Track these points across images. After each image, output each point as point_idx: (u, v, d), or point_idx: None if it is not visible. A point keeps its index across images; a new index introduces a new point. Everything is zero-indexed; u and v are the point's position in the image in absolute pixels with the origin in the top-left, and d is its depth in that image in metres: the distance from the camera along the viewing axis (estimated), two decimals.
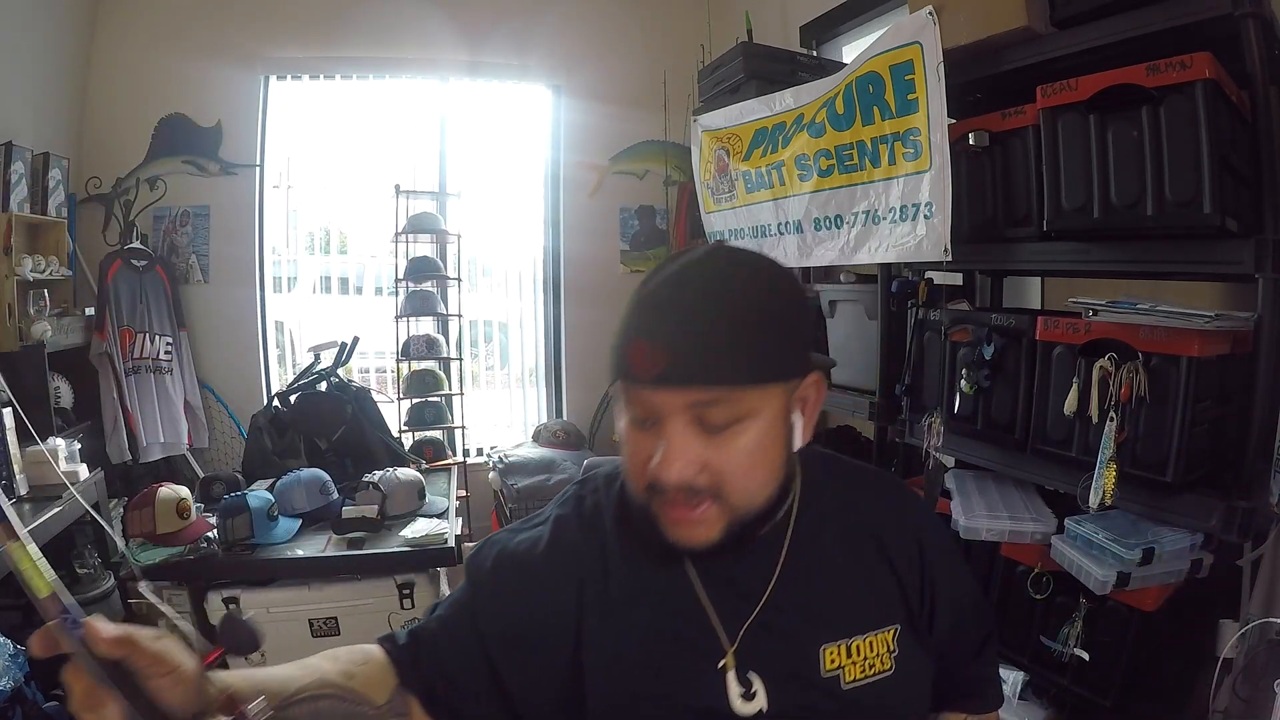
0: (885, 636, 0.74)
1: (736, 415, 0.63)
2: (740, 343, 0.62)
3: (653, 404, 0.64)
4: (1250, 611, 1.22)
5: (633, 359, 0.62)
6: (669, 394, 0.62)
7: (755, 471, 0.66)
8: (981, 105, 1.64)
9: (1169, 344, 1.18)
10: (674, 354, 0.61)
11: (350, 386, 3.19)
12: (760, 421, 0.65)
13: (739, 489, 0.65)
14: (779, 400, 0.66)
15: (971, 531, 1.49)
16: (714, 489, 0.64)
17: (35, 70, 3.03)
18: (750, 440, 0.64)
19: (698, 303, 0.63)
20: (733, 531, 0.66)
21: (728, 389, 0.62)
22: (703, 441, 0.64)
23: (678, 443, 0.63)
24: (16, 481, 2.22)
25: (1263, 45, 1.17)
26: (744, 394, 0.63)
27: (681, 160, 3.71)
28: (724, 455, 0.64)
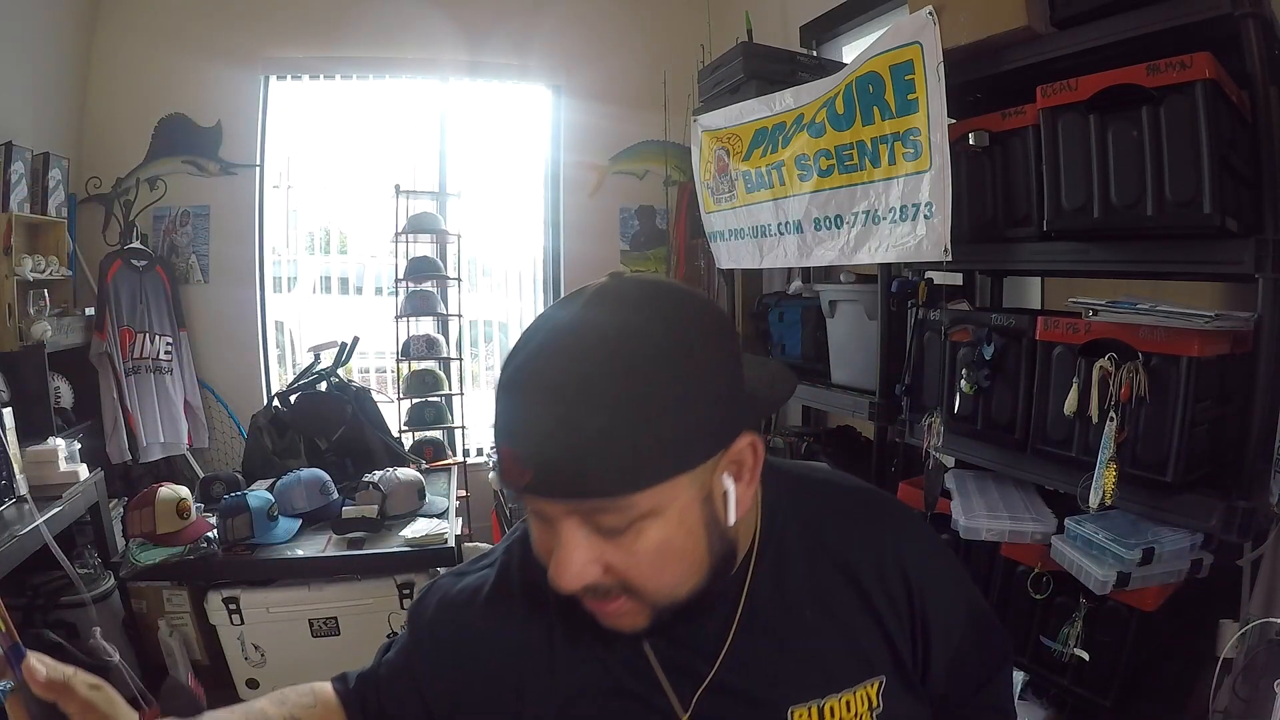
0: (867, 692, 0.66)
1: (629, 520, 0.54)
2: (615, 447, 0.50)
3: (537, 509, 0.56)
4: (1250, 611, 1.22)
5: (505, 466, 0.54)
6: (545, 503, 0.54)
7: (666, 572, 0.57)
8: (981, 105, 1.64)
9: (1169, 344, 1.18)
10: (535, 465, 0.51)
11: (350, 386, 3.19)
12: (666, 519, 0.55)
13: (651, 589, 0.57)
14: (690, 489, 0.55)
15: (971, 531, 1.49)
16: (623, 588, 0.57)
17: (35, 70, 3.03)
18: (653, 541, 0.55)
19: (560, 398, 0.51)
20: (663, 619, 0.59)
21: (611, 498, 0.52)
22: (600, 543, 0.55)
23: (570, 549, 0.55)
24: (16, 481, 2.22)
25: (1263, 45, 1.17)
26: (634, 498, 0.52)
27: (681, 160, 3.71)
28: (626, 558, 0.55)
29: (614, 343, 0.52)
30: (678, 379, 0.52)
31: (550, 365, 0.53)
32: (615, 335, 0.53)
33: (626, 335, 0.53)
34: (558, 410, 0.51)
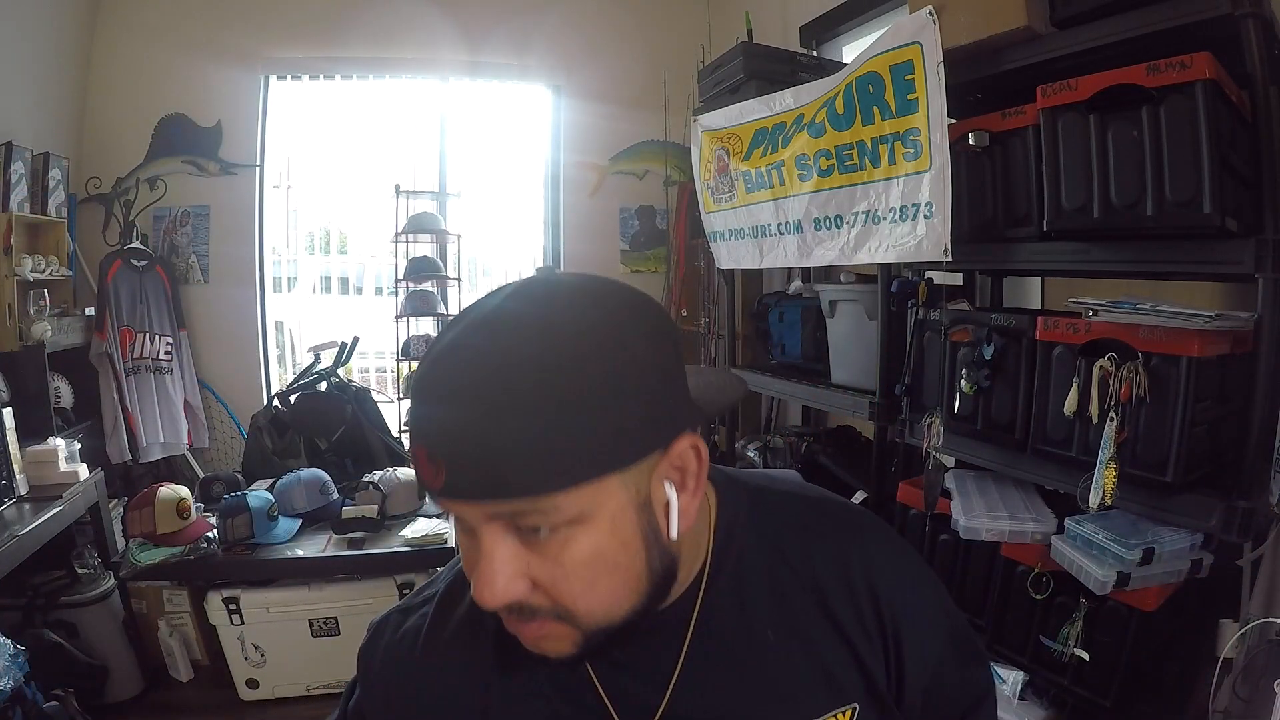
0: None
1: (556, 523, 0.48)
2: (535, 441, 0.46)
3: (456, 513, 0.50)
4: (1250, 611, 1.22)
5: (419, 466, 0.49)
6: (463, 505, 0.49)
7: (598, 588, 0.51)
8: (981, 105, 1.64)
9: (1169, 344, 1.17)
10: (450, 464, 0.47)
11: (350, 386, 3.19)
12: (597, 524, 0.49)
13: (582, 609, 0.51)
14: (622, 493, 0.50)
15: (971, 531, 1.49)
16: (550, 608, 0.51)
17: (35, 70, 3.03)
18: (583, 552, 0.49)
19: (473, 387, 0.46)
20: (590, 645, 0.53)
21: (533, 497, 0.47)
22: (526, 553, 0.50)
23: (493, 560, 0.49)
24: (16, 481, 2.22)
25: (1263, 45, 1.17)
26: (557, 500, 0.47)
27: (681, 160, 3.71)
28: (553, 571, 0.50)
29: (534, 331, 0.48)
30: (606, 371, 0.47)
31: (463, 357, 0.48)
32: (536, 324, 0.48)
33: (549, 325, 0.48)
34: (470, 404, 0.46)
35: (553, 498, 0.47)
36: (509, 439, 0.45)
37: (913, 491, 1.74)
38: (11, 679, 1.75)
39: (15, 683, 1.76)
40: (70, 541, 2.42)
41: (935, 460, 1.66)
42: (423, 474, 0.48)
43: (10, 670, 1.76)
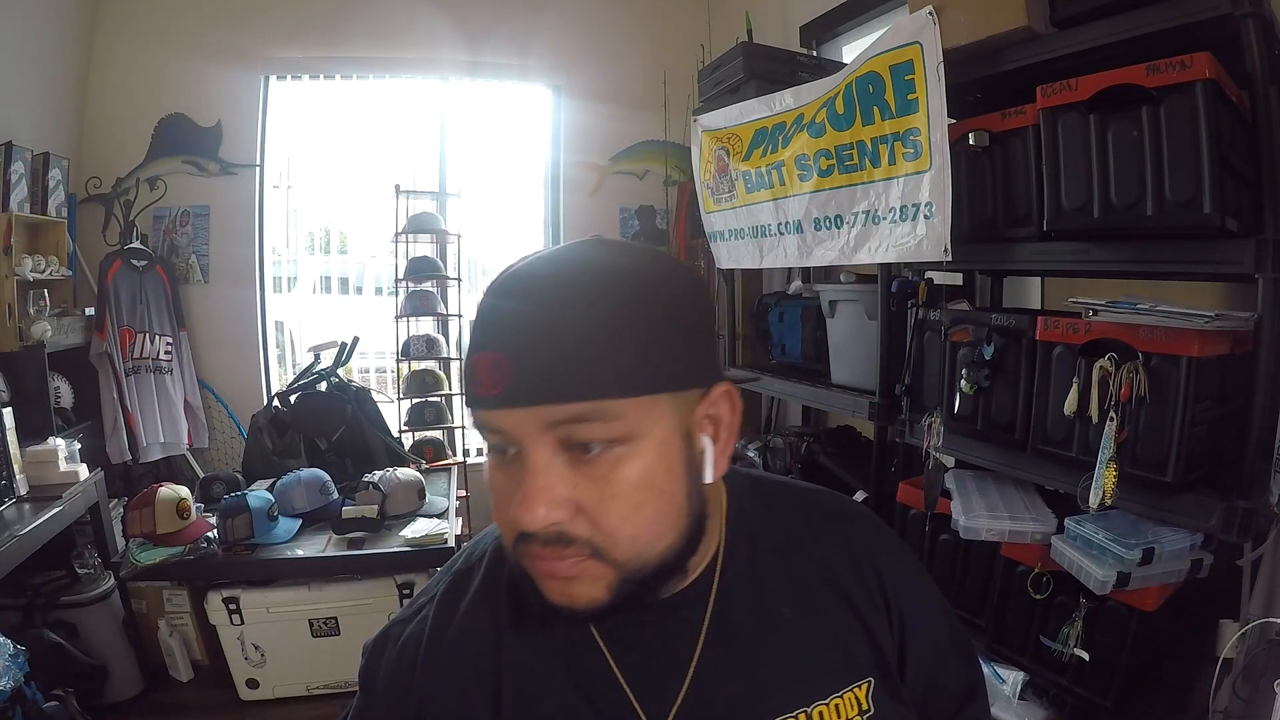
0: (856, 695, 0.60)
1: (611, 436, 0.49)
2: (606, 340, 0.48)
3: (505, 429, 0.50)
4: (1250, 611, 1.22)
5: (478, 375, 0.49)
6: (520, 415, 0.49)
7: (644, 512, 0.51)
8: (981, 105, 1.64)
9: (1169, 344, 1.17)
10: (518, 363, 0.48)
11: (350, 386, 3.19)
12: (647, 446, 0.50)
13: (624, 538, 0.51)
14: (671, 418, 0.52)
15: (971, 531, 1.49)
16: (590, 540, 0.50)
17: (35, 70, 3.03)
18: (635, 471, 0.50)
19: (548, 296, 0.49)
20: (625, 590, 0.52)
21: (592, 402, 0.48)
22: (573, 474, 0.50)
23: (541, 476, 0.49)
24: (16, 481, 2.22)
25: (1263, 45, 1.17)
26: (617, 408, 0.49)
27: (681, 160, 3.71)
28: (601, 491, 0.50)
29: (601, 259, 0.52)
30: (665, 298, 0.52)
31: (536, 273, 0.51)
32: (601, 255, 0.53)
33: (616, 260, 0.53)
34: (543, 309, 0.49)
35: (615, 403, 0.49)
36: (581, 339, 0.48)
37: (913, 491, 1.74)
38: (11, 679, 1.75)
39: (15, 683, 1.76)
40: (70, 541, 2.42)
41: (935, 460, 1.66)
42: (481, 383, 0.49)
43: (10, 670, 1.76)
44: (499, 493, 0.53)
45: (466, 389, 0.52)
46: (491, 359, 0.49)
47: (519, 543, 0.52)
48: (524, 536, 0.51)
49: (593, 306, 0.49)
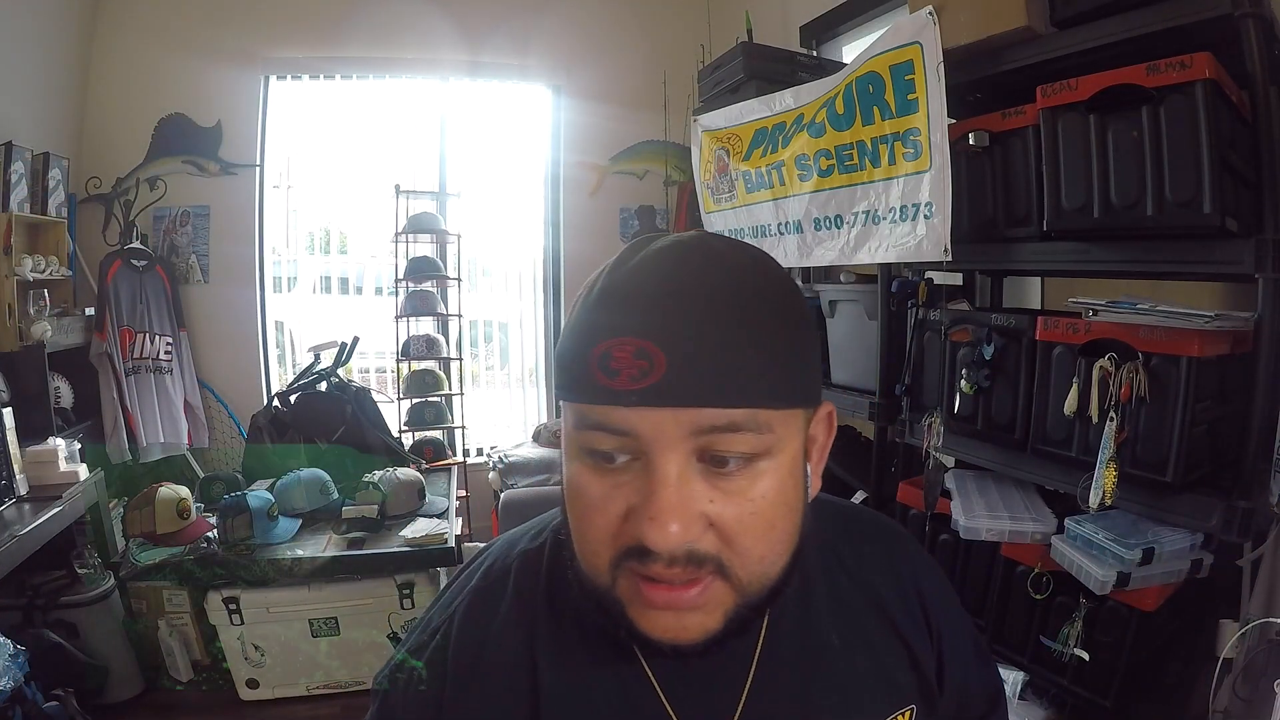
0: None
1: (758, 449, 0.45)
2: (768, 344, 0.44)
3: (639, 432, 0.44)
4: (1250, 611, 1.21)
5: (612, 365, 0.43)
6: (663, 416, 0.43)
7: (776, 531, 0.47)
8: (981, 105, 1.64)
9: (1169, 344, 1.17)
10: (672, 355, 0.42)
11: (350, 386, 3.19)
12: (783, 461, 0.47)
13: (754, 558, 0.47)
14: (800, 434, 0.49)
15: (971, 531, 1.49)
16: (718, 559, 0.46)
17: (35, 70, 3.03)
18: (773, 487, 0.46)
19: (707, 288, 0.44)
20: (735, 620, 0.48)
21: (751, 411, 0.44)
22: (708, 488, 0.45)
23: (676, 489, 0.44)
24: (16, 481, 2.22)
25: (1263, 45, 1.17)
26: (770, 419, 0.45)
27: (681, 160, 3.71)
28: (739, 508, 0.45)
29: (739, 258, 0.47)
30: (803, 312, 0.49)
31: (693, 258, 0.45)
32: (747, 251, 0.48)
33: (756, 260, 0.48)
34: (704, 303, 0.43)
35: (767, 414, 0.45)
36: (744, 340, 0.43)
37: (913, 491, 1.74)
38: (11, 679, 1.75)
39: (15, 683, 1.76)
40: (70, 541, 2.42)
41: (935, 460, 1.67)
42: (620, 374, 0.43)
43: (10, 670, 1.76)
44: (594, 506, 0.47)
45: (582, 377, 0.45)
46: (637, 346, 0.42)
47: (625, 561, 0.46)
48: (637, 554, 0.45)
49: (753, 307, 0.45)
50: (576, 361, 0.45)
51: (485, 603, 0.58)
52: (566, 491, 0.50)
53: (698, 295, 0.44)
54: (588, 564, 0.49)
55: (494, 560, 0.61)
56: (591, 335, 0.45)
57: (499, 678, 0.55)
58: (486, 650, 0.55)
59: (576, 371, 0.45)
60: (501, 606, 0.57)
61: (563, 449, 0.50)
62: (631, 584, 0.47)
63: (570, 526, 0.50)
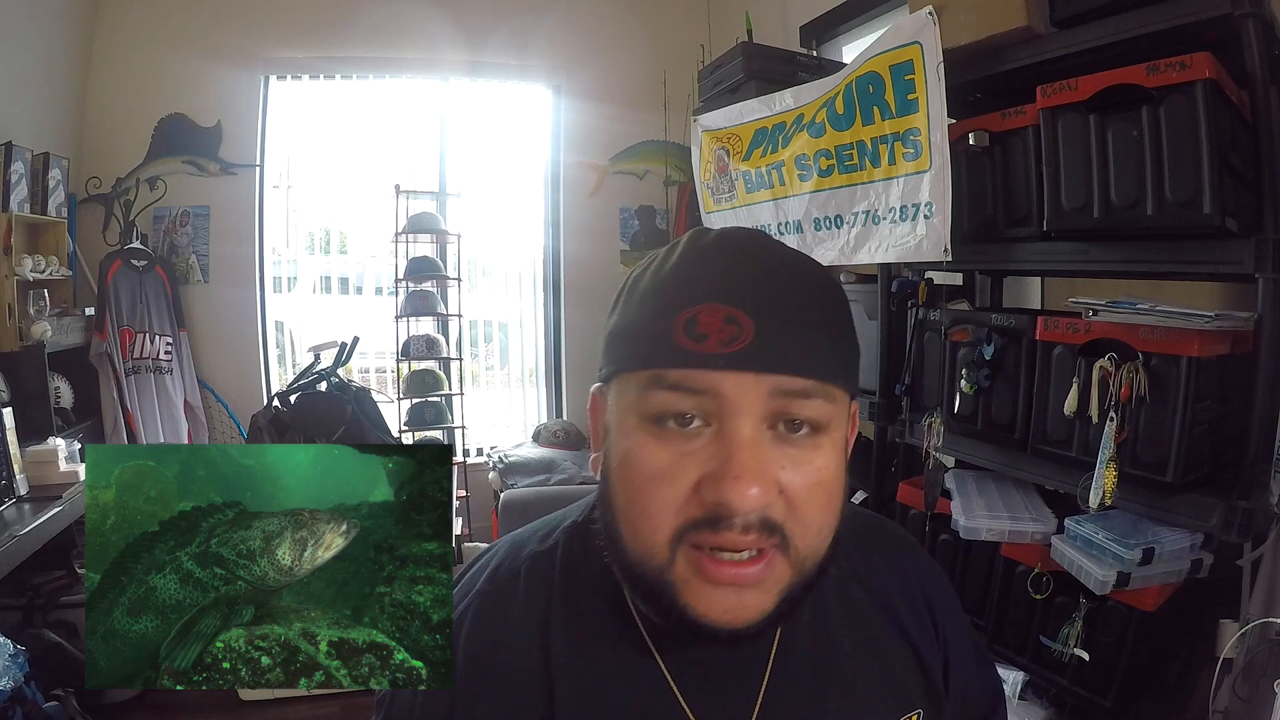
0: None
1: (822, 419, 0.47)
2: (838, 324, 0.49)
3: (723, 392, 0.45)
4: (1250, 611, 1.22)
5: (704, 325, 0.45)
6: (749, 379, 0.45)
7: (833, 504, 0.49)
8: (981, 105, 1.64)
9: (1169, 344, 1.17)
10: (767, 325, 0.45)
11: (350, 386, 3.19)
12: (837, 439, 0.49)
13: (813, 530, 0.48)
14: (846, 419, 0.51)
15: (971, 531, 1.49)
16: (784, 529, 0.46)
17: (35, 70, 3.03)
18: (833, 460, 0.48)
19: (787, 267, 0.48)
20: (788, 600, 0.48)
21: (825, 382, 0.47)
22: (779, 456, 0.46)
23: (753, 451, 0.45)
24: (16, 481, 2.22)
25: (1263, 45, 1.17)
26: (834, 395, 0.48)
27: (681, 160, 3.71)
28: (804, 478, 0.46)
29: (797, 252, 0.52)
30: (848, 305, 0.52)
31: (755, 244, 0.50)
32: (791, 249, 0.52)
33: (803, 254, 0.52)
34: (787, 282, 0.48)
35: (833, 388, 0.48)
36: (821, 319, 0.48)
37: (913, 491, 1.74)
38: (11, 679, 1.75)
39: (15, 683, 1.76)
40: (70, 541, 2.41)
41: (935, 460, 1.66)
42: (710, 338, 0.45)
43: (10, 670, 1.76)
44: (661, 475, 0.46)
45: (661, 342, 0.46)
46: (727, 313, 0.45)
47: (690, 533, 0.46)
48: (705, 525, 0.45)
49: (821, 292, 0.49)
50: (653, 328, 0.47)
51: (494, 606, 0.56)
52: (620, 468, 0.49)
53: (779, 272, 0.48)
54: (643, 543, 0.48)
55: (500, 562, 0.59)
56: (674, 303, 0.47)
57: (511, 684, 0.53)
58: (498, 655, 0.54)
59: (653, 337, 0.47)
60: (513, 610, 0.56)
61: (614, 426, 0.50)
62: (692, 562, 0.47)
63: (620, 506, 0.49)
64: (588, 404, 0.57)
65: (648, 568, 0.48)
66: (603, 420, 0.53)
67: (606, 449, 0.52)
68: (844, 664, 0.58)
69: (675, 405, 0.46)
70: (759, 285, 0.47)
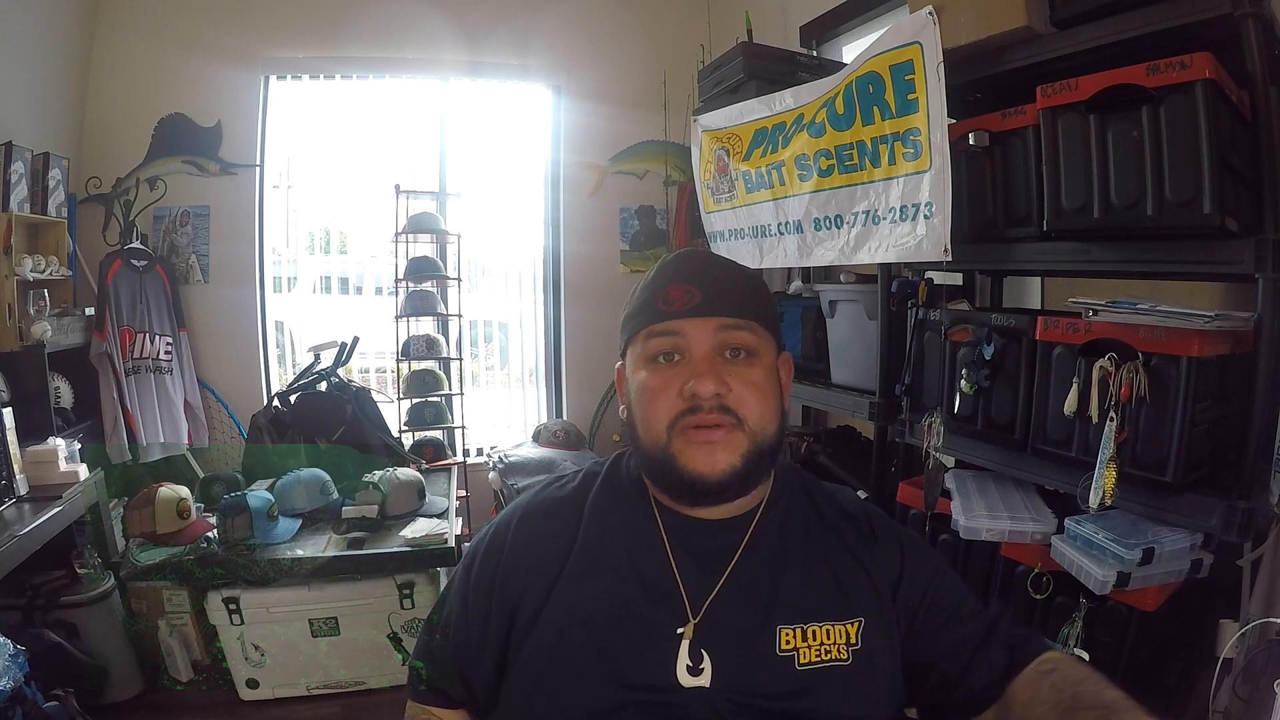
0: (846, 629, 0.76)
1: (751, 347, 0.78)
2: (753, 290, 0.82)
3: (685, 333, 0.77)
4: (1250, 611, 1.22)
5: (671, 296, 0.78)
6: (702, 321, 0.77)
7: (766, 400, 0.77)
8: (981, 105, 1.64)
9: (1169, 344, 1.17)
10: (708, 290, 0.78)
11: (350, 386, 3.19)
12: (764, 361, 0.79)
13: (755, 414, 0.76)
14: (772, 352, 0.81)
15: (971, 531, 1.49)
16: (736, 412, 0.75)
17: (35, 70, 3.03)
18: (760, 374, 0.78)
19: (719, 262, 0.85)
20: (750, 461, 0.75)
21: (748, 320, 0.78)
22: (725, 370, 0.76)
23: (711, 363, 0.76)
24: (16, 481, 2.22)
25: (1263, 45, 1.17)
26: (756, 330, 0.79)
27: (681, 160, 3.71)
28: (744, 381, 0.76)
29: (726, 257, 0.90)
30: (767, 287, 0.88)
31: (705, 251, 0.87)
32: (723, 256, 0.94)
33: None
34: (716, 267, 0.83)
35: (756, 326, 0.79)
36: (742, 284, 0.82)
37: (913, 491, 1.74)
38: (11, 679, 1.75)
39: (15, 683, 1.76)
40: (70, 541, 2.41)
41: (935, 460, 1.66)
42: (675, 301, 0.78)
43: (10, 670, 1.76)
44: (658, 391, 0.77)
45: (652, 308, 0.79)
46: (685, 287, 0.78)
47: (679, 420, 0.75)
48: (687, 412, 0.75)
49: (746, 276, 0.84)
50: (645, 305, 0.81)
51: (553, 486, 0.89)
52: (637, 392, 0.80)
53: (713, 264, 0.85)
54: (652, 432, 0.77)
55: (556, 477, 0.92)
56: (655, 288, 0.81)
57: (552, 521, 0.83)
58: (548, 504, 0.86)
59: (646, 310, 0.80)
60: (567, 487, 0.87)
61: (631, 374, 0.82)
62: (683, 438, 0.76)
63: (639, 415, 0.79)
64: (614, 377, 0.88)
65: (657, 449, 0.77)
66: (625, 378, 0.84)
67: (629, 390, 0.83)
68: (797, 566, 0.80)
69: (661, 346, 0.79)
70: (703, 270, 0.81)
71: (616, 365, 0.86)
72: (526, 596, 0.78)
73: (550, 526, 0.82)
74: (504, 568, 0.81)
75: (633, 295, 0.84)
